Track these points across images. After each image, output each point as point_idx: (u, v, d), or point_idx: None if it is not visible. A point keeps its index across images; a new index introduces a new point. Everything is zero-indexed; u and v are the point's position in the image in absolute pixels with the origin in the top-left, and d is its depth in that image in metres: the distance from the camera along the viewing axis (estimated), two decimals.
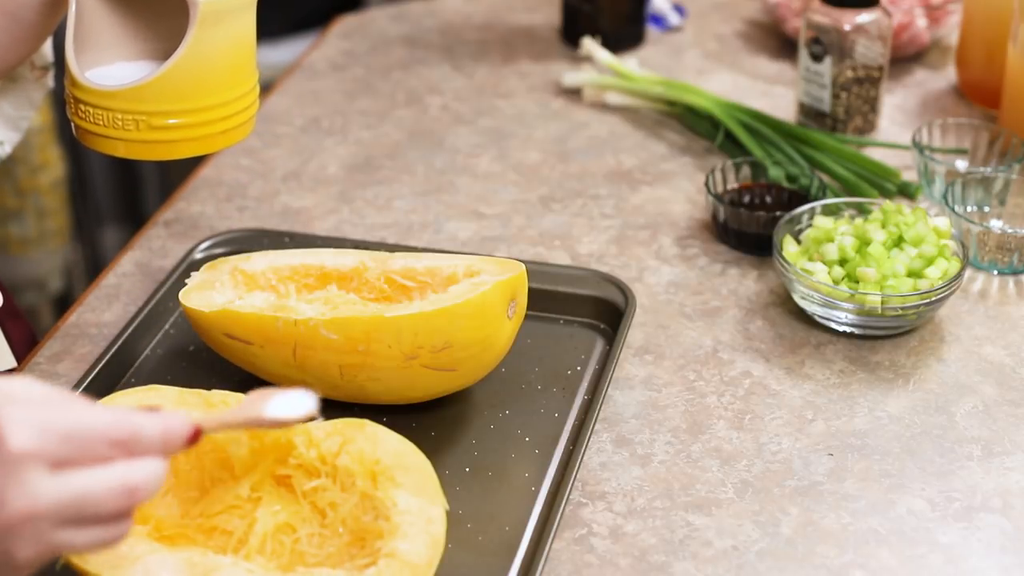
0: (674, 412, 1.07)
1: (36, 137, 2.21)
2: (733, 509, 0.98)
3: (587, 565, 0.94)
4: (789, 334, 1.15)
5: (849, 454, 1.03)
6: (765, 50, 1.61)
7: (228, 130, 1.02)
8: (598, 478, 1.01)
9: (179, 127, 0.99)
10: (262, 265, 1.06)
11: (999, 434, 1.05)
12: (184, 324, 1.15)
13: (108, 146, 1.00)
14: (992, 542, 0.96)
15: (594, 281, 1.16)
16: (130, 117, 0.98)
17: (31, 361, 1.13)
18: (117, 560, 0.85)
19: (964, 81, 1.49)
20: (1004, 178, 1.25)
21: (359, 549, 0.87)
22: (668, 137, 1.44)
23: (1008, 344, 1.14)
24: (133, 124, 0.98)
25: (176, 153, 1.00)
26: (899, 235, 1.15)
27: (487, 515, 0.97)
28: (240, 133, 1.04)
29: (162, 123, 0.98)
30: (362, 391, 1.02)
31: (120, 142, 0.99)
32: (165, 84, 0.96)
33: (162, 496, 0.91)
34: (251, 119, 1.05)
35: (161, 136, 0.98)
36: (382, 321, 0.98)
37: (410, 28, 1.66)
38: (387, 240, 1.27)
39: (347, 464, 0.90)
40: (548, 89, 1.53)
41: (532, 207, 1.32)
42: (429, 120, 1.47)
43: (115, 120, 0.98)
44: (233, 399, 0.93)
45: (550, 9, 1.69)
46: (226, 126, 1.02)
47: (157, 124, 0.98)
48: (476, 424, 1.05)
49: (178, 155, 1.01)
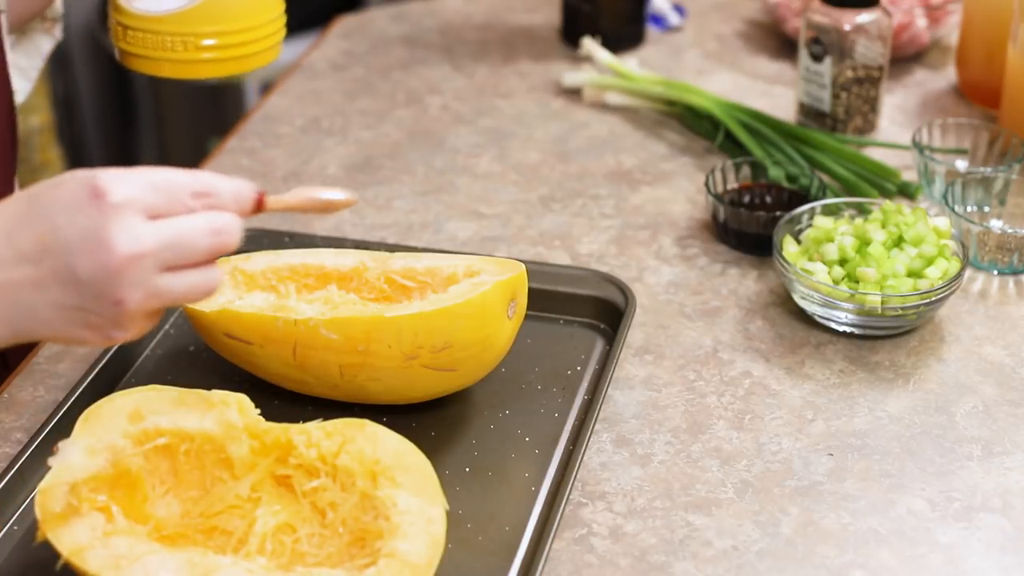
0: (674, 412, 1.07)
1: (36, 137, 2.21)
2: (733, 509, 0.98)
3: (587, 565, 0.94)
4: (789, 334, 1.15)
5: (849, 454, 1.03)
6: (765, 50, 1.61)
7: (259, 52, 1.13)
8: (598, 478, 1.01)
9: (218, 47, 1.10)
10: (262, 265, 1.06)
11: (999, 434, 1.05)
12: (184, 324, 1.15)
13: (153, 67, 1.11)
14: (992, 542, 0.96)
15: (594, 281, 1.16)
16: (178, 38, 1.09)
17: (31, 361, 1.13)
18: (117, 560, 0.85)
19: (964, 81, 1.49)
20: (1004, 178, 1.25)
21: (359, 549, 0.88)
22: (668, 137, 1.44)
23: (1008, 344, 1.14)
24: (181, 45, 1.09)
25: (215, 71, 1.11)
26: (899, 235, 1.15)
27: (487, 515, 0.97)
28: (269, 56, 1.15)
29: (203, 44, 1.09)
30: (362, 391, 1.02)
31: (166, 62, 1.10)
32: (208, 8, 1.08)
33: (162, 496, 0.91)
34: (278, 44, 1.16)
35: (202, 56, 1.09)
36: (382, 321, 0.98)
37: (410, 28, 1.66)
38: (387, 240, 1.27)
39: (347, 464, 0.90)
40: (548, 89, 1.53)
41: (532, 207, 1.32)
42: (429, 120, 1.48)
43: (163, 42, 1.09)
44: (233, 399, 0.93)
45: (550, 9, 1.69)
46: (257, 48, 1.13)
47: (199, 44, 1.09)
48: (476, 424, 1.05)
49: (216, 73, 1.11)
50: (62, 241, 0.81)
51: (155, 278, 0.83)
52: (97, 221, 0.81)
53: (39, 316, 0.84)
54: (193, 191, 0.84)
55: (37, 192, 0.84)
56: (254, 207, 0.87)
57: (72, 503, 0.87)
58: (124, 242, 0.81)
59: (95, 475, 0.88)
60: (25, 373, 1.11)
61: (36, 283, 0.83)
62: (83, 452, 0.89)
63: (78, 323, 0.84)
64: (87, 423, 0.91)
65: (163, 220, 0.83)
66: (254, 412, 0.93)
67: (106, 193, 0.81)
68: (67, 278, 0.82)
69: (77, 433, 0.91)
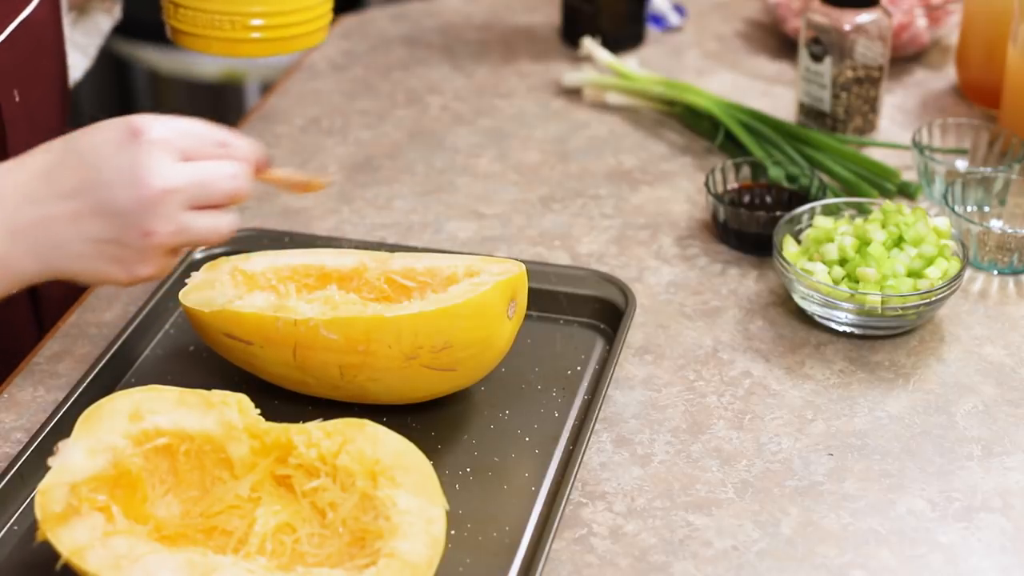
0: (674, 412, 1.07)
1: None
2: (733, 509, 0.98)
3: (587, 565, 0.94)
4: (789, 334, 1.15)
5: (849, 454, 1.03)
6: (765, 50, 1.61)
7: (305, 34, 1.18)
8: (598, 478, 1.01)
9: (265, 27, 1.15)
10: (262, 265, 1.06)
11: (999, 434, 1.05)
12: (184, 324, 1.15)
13: (202, 44, 1.16)
14: (992, 542, 0.96)
15: (594, 281, 1.16)
16: (226, 18, 1.14)
17: (31, 361, 1.13)
18: (117, 560, 0.85)
19: (964, 81, 1.49)
20: (1004, 178, 1.25)
21: (359, 549, 0.87)
22: (668, 137, 1.44)
23: (1008, 344, 1.14)
24: (229, 24, 1.14)
25: (261, 51, 1.16)
26: (899, 235, 1.15)
27: (487, 515, 0.97)
28: (316, 38, 1.20)
29: (251, 24, 1.15)
30: (362, 391, 1.02)
31: (214, 40, 1.16)
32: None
33: (162, 496, 0.91)
34: (324, 27, 1.20)
35: (249, 35, 1.15)
36: (382, 321, 0.98)
37: (410, 28, 1.66)
38: (387, 240, 1.27)
39: (347, 464, 0.90)
40: (548, 89, 1.53)
41: (532, 207, 1.32)
42: (429, 120, 1.47)
43: (211, 21, 1.14)
44: (233, 399, 0.93)
45: (550, 9, 1.69)
46: (304, 30, 1.18)
47: (247, 24, 1.15)
48: (476, 424, 1.05)
49: (263, 53, 1.17)
50: (101, 177, 0.90)
51: (182, 214, 0.92)
52: (136, 158, 0.90)
53: (72, 250, 0.93)
54: (215, 140, 0.94)
55: (75, 136, 0.93)
56: (261, 166, 0.97)
57: (72, 503, 0.87)
58: (159, 177, 0.90)
59: (95, 475, 0.88)
60: (25, 373, 1.11)
61: (73, 217, 0.91)
62: (83, 452, 0.89)
63: (107, 257, 0.93)
64: (87, 423, 0.91)
65: (191, 162, 0.92)
66: (254, 412, 0.93)
67: (144, 132, 0.91)
68: (104, 211, 0.91)
69: (77, 433, 0.91)
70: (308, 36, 1.19)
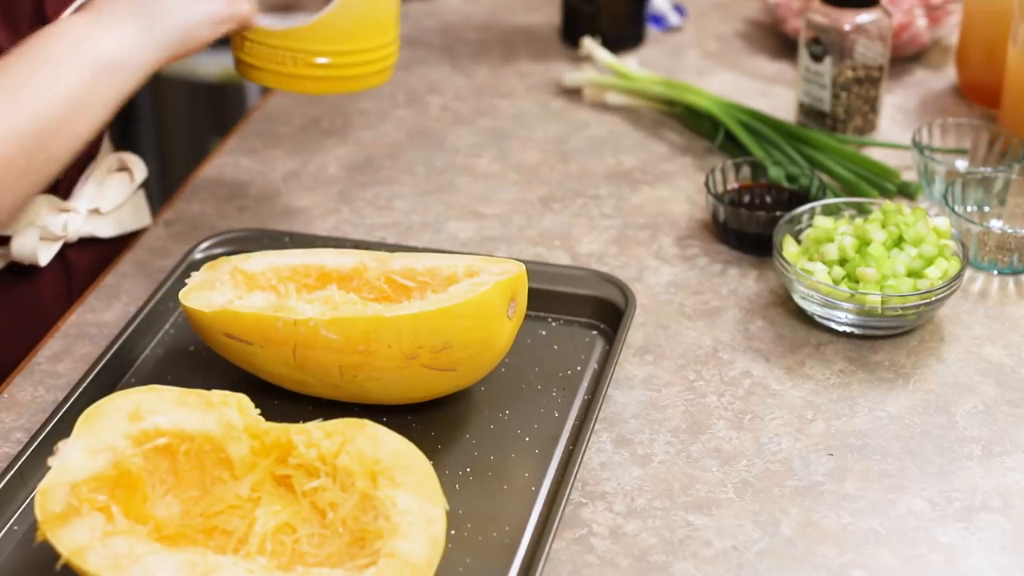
0: (674, 412, 1.07)
1: None
2: (733, 509, 0.98)
3: (587, 565, 0.94)
4: (789, 334, 1.15)
5: (849, 454, 1.03)
6: (765, 50, 1.61)
7: (369, 74, 1.18)
8: (598, 478, 1.01)
9: (327, 66, 1.16)
10: (262, 265, 1.06)
11: (999, 434, 1.05)
12: (184, 324, 1.15)
13: (265, 78, 1.17)
14: (992, 542, 0.96)
15: (594, 281, 1.16)
16: (290, 54, 1.15)
17: (31, 361, 1.13)
18: (117, 560, 0.85)
19: (964, 81, 1.49)
20: (1004, 178, 1.25)
21: (359, 549, 0.87)
22: (668, 137, 1.44)
23: (1008, 344, 1.14)
24: (291, 60, 1.15)
25: (324, 89, 1.17)
26: (899, 235, 1.15)
27: (487, 515, 0.97)
28: (379, 78, 1.20)
29: (315, 62, 1.15)
30: (362, 391, 1.02)
31: (278, 75, 1.17)
32: (321, 28, 1.14)
33: (162, 496, 0.91)
34: (389, 67, 1.21)
35: (314, 72, 1.16)
36: (382, 321, 0.98)
37: (410, 28, 1.66)
38: (387, 240, 1.27)
39: (347, 464, 0.90)
40: (548, 89, 1.53)
41: (532, 207, 1.32)
42: (429, 120, 1.48)
43: (277, 56, 1.15)
44: (233, 399, 0.93)
45: (550, 9, 1.69)
46: (368, 70, 1.18)
47: (310, 62, 1.15)
48: (476, 424, 1.05)
49: (325, 91, 1.18)
50: None
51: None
52: None
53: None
54: None
55: None
56: None
57: (72, 503, 0.87)
58: None
59: (95, 475, 0.88)
60: (25, 373, 1.11)
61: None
62: (83, 452, 0.89)
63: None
64: (87, 423, 0.91)
65: None
66: (254, 412, 0.93)
67: None
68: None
69: (77, 433, 0.91)
70: (373, 76, 1.19)
